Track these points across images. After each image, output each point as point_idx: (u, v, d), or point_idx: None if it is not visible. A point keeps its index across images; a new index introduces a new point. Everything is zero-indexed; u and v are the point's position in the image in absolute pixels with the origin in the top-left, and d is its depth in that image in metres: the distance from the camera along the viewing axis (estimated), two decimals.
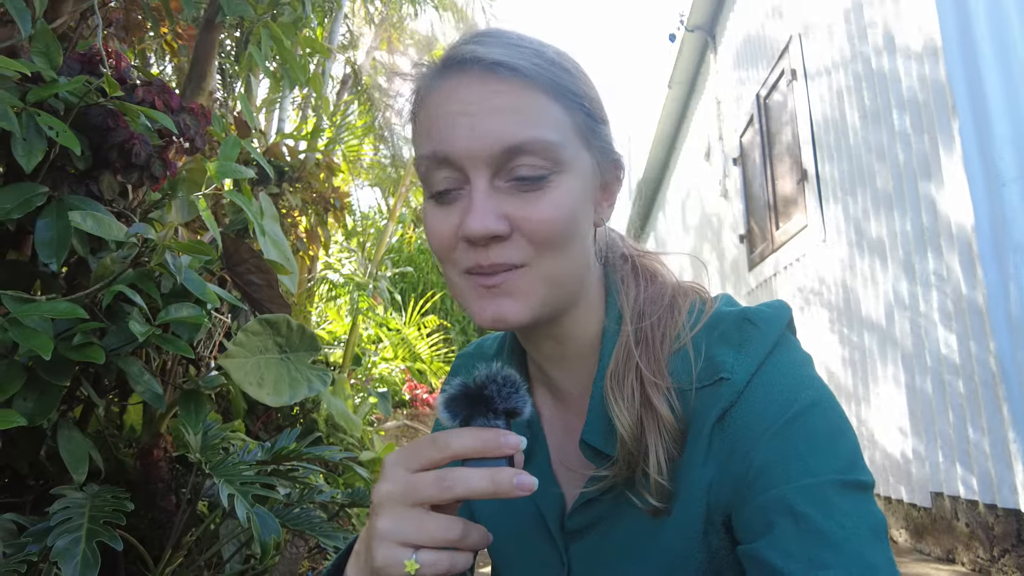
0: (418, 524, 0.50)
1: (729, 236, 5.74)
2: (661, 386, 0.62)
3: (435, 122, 0.60)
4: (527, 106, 0.58)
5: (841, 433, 0.58)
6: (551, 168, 0.59)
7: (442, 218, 0.61)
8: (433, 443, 0.52)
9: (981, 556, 2.50)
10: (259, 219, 1.76)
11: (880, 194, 3.14)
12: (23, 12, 1.18)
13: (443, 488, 0.50)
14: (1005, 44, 2.44)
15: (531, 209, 0.59)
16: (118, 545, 1.12)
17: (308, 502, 1.77)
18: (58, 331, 1.21)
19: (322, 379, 1.73)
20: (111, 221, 1.23)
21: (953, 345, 2.58)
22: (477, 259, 0.60)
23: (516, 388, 0.55)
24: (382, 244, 5.45)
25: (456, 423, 0.55)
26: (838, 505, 0.52)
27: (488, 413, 0.54)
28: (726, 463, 0.59)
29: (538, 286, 0.61)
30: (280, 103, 4.61)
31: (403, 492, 0.51)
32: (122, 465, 1.79)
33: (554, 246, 0.60)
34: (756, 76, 4.84)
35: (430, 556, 0.50)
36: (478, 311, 0.62)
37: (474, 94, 0.59)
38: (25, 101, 1.19)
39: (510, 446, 0.51)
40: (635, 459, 0.61)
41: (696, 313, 0.66)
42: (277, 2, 1.97)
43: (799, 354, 0.63)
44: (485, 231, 0.57)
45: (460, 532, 0.50)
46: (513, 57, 0.59)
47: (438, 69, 0.62)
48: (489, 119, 0.58)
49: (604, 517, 0.67)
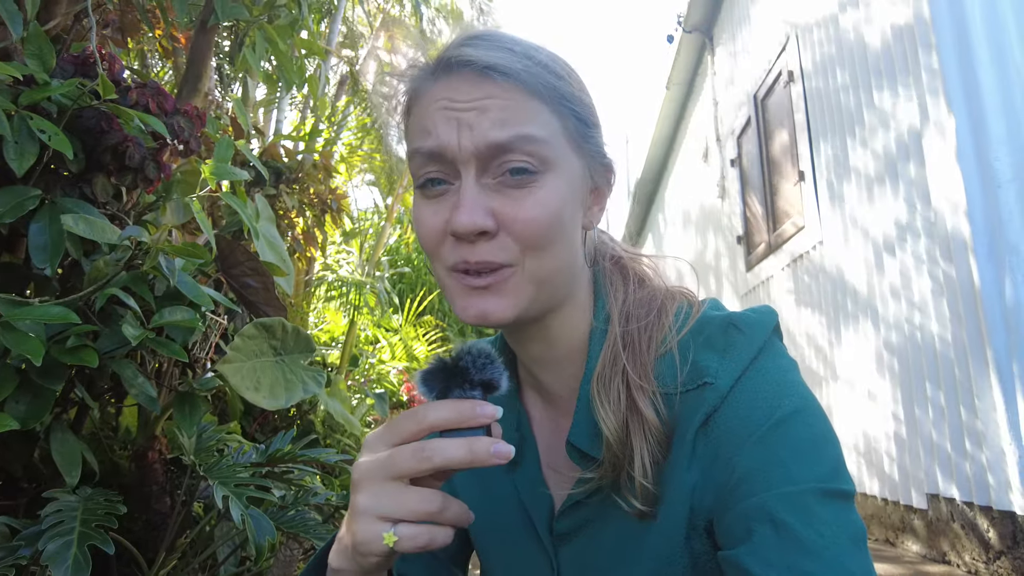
0: (396, 497, 0.51)
1: (727, 237, 5.74)
2: (647, 390, 0.62)
3: (428, 119, 0.61)
4: (516, 107, 0.60)
5: (824, 441, 0.58)
6: (538, 167, 0.60)
7: (431, 213, 0.62)
8: (411, 416, 0.53)
9: (977, 558, 2.50)
10: (254, 221, 1.76)
11: (876, 195, 3.14)
12: (14, 15, 1.18)
13: (421, 459, 0.50)
14: (1000, 46, 2.44)
15: (517, 207, 0.60)
16: (110, 549, 1.12)
17: (303, 504, 1.77)
18: (51, 334, 1.20)
19: (317, 380, 1.72)
20: (104, 224, 1.23)
21: (949, 346, 2.58)
22: (464, 255, 0.60)
23: (491, 360, 0.56)
24: (380, 245, 5.44)
25: (433, 396, 0.55)
26: (818, 513, 0.52)
27: (464, 384, 0.55)
28: (709, 468, 0.59)
29: (524, 286, 0.61)
30: (278, 104, 4.61)
31: (381, 466, 0.52)
32: (117, 467, 1.78)
33: (539, 246, 0.61)
34: (753, 77, 4.84)
35: (409, 530, 0.50)
36: (462, 308, 0.62)
37: (465, 94, 0.60)
38: (17, 104, 1.19)
39: (486, 415, 0.52)
40: (620, 462, 0.62)
41: (683, 317, 0.67)
42: (273, 4, 1.97)
43: (784, 360, 0.63)
44: (473, 226, 0.58)
45: (439, 505, 0.51)
46: (505, 61, 0.60)
47: (432, 69, 0.63)
48: (478, 117, 0.59)
49: (592, 520, 0.67)
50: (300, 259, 3.60)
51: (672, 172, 8.17)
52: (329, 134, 4.41)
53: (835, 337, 3.66)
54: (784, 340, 0.69)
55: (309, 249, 3.53)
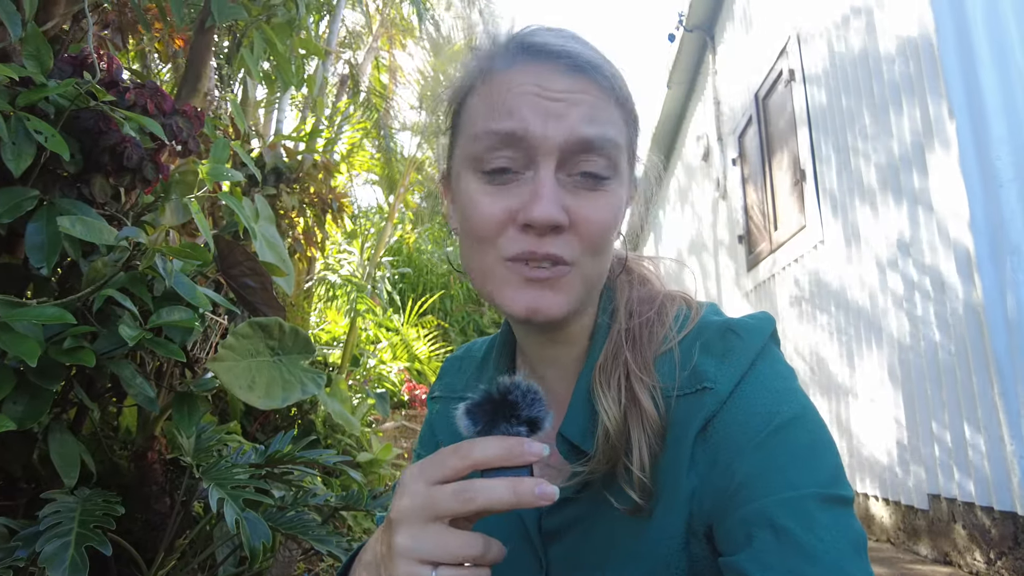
0: (438, 540, 0.48)
1: (728, 237, 5.73)
2: (647, 382, 0.63)
3: (509, 101, 0.60)
4: (604, 108, 0.61)
5: (823, 447, 0.58)
6: (611, 172, 0.62)
7: (494, 199, 0.61)
8: (454, 452, 0.50)
9: (978, 559, 2.50)
10: (252, 221, 1.76)
11: (878, 195, 3.13)
12: (13, 15, 1.18)
13: (464, 500, 0.48)
14: (1002, 46, 2.43)
15: (590, 207, 0.60)
16: (107, 550, 1.12)
17: (302, 505, 1.77)
18: (49, 335, 1.20)
19: (316, 381, 1.72)
20: (102, 225, 1.23)
21: (950, 346, 2.58)
22: (531, 246, 0.59)
23: (538, 396, 0.53)
24: (381, 245, 5.44)
25: (477, 430, 0.53)
26: (818, 519, 0.52)
27: (511, 419, 0.52)
28: (708, 473, 0.59)
29: (577, 285, 0.62)
30: (278, 104, 4.61)
31: (422, 506, 0.49)
32: (116, 468, 1.78)
33: (599, 248, 0.62)
34: (755, 76, 4.83)
35: (451, 572, 0.48)
36: (511, 299, 0.61)
37: (558, 83, 0.60)
38: (15, 105, 1.19)
39: (533, 454, 0.50)
40: (617, 453, 0.61)
41: (682, 319, 0.67)
42: (270, 4, 1.97)
43: (782, 366, 0.63)
44: (551, 219, 0.58)
45: (481, 548, 0.49)
46: (598, 61, 0.62)
47: (513, 51, 0.63)
48: (569, 110, 0.59)
49: (582, 518, 0.67)
50: (301, 259, 3.60)
51: (673, 171, 8.16)
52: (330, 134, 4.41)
53: (837, 338, 3.66)
54: (786, 343, 0.69)
55: (310, 249, 3.53)
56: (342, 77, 5.62)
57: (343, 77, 5.56)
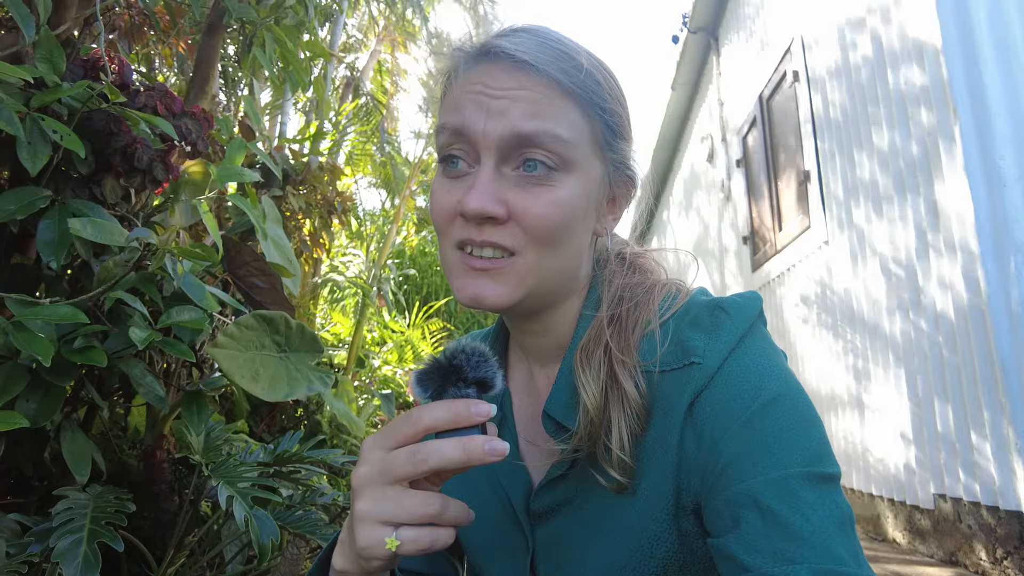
0: (396, 502, 0.51)
1: (732, 238, 5.73)
2: (628, 364, 0.63)
3: (460, 99, 0.63)
4: (548, 103, 0.61)
5: (809, 424, 0.58)
6: (557, 165, 0.62)
7: (446, 191, 0.64)
8: (406, 420, 0.53)
9: (983, 558, 2.49)
10: (261, 222, 1.77)
11: (882, 195, 3.13)
12: (27, 19, 1.20)
13: (417, 462, 0.51)
14: (1006, 45, 2.44)
15: (531, 201, 0.61)
16: (119, 546, 1.13)
17: (310, 504, 1.78)
18: (61, 334, 1.22)
19: (324, 380, 1.73)
20: (112, 226, 1.24)
21: (955, 346, 2.58)
22: (469, 234, 0.62)
23: (485, 358, 0.56)
24: (386, 246, 5.45)
25: (428, 397, 0.56)
26: (805, 498, 0.53)
27: (459, 383, 0.55)
28: (695, 450, 0.60)
29: (524, 276, 0.63)
30: (283, 107, 4.64)
31: (379, 471, 0.52)
32: (125, 466, 1.80)
33: (546, 242, 0.62)
34: (759, 77, 4.83)
35: (411, 533, 0.51)
36: (459, 287, 0.64)
37: (500, 82, 0.62)
38: (29, 106, 1.21)
39: (480, 414, 0.52)
40: (597, 431, 0.62)
41: (670, 300, 0.68)
42: (280, 5, 1.99)
43: (768, 344, 0.64)
44: (481, 210, 0.60)
45: (439, 507, 0.51)
46: (544, 56, 0.62)
47: (473, 56, 0.66)
48: (508, 106, 0.61)
49: (570, 499, 0.68)
50: (307, 261, 3.62)
51: (677, 173, 8.16)
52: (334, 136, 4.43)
53: (841, 338, 3.65)
54: (790, 343, 0.70)
55: (315, 250, 3.55)
56: (345, 80, 5.65)
57: (346, 80, 5.59)
